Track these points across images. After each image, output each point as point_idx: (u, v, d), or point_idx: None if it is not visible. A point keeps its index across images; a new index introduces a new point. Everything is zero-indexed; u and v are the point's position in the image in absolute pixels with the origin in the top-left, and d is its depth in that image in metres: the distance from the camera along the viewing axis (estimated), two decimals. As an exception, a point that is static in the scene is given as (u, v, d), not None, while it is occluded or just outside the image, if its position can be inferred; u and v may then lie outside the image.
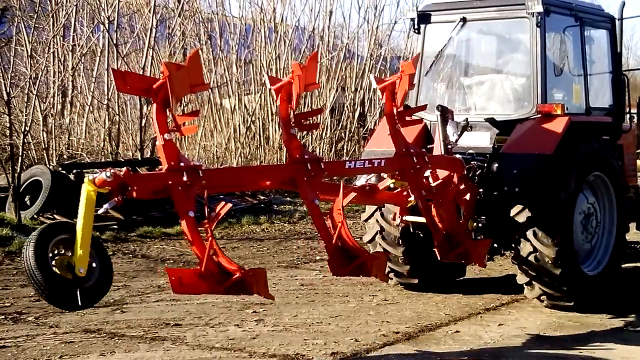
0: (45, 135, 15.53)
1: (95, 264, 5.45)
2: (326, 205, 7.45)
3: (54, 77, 16.38)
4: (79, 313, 7.88)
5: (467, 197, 7.89)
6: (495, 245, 8.41)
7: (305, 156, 6.62)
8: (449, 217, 7.67)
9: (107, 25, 16.71)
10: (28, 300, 8.41)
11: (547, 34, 8.22)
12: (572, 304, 8.06)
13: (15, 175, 12.20)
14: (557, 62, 8.54)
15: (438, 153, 8.10)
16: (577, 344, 7.14)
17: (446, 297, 8.78)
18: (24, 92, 14.28)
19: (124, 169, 5.52)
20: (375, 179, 8.03)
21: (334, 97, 20.11)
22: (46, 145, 15.54)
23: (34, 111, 14.75)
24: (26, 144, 13.62)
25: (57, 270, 5.29)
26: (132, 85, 5.90)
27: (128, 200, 5.60)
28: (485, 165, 8.14)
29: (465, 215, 7.90)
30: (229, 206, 5.79)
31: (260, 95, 19.26)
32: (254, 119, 18.89)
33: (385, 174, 7.73)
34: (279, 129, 18.62)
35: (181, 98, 5.70)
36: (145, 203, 8.17)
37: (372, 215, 8.69)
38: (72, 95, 17.49)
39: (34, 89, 14.43)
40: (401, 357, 6.68)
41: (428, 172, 7.69)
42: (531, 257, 7.92)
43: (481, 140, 8.43)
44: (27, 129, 13.29)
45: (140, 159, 15.04)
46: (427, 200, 7.65)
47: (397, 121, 7.48)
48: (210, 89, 19.49)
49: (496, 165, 8.05)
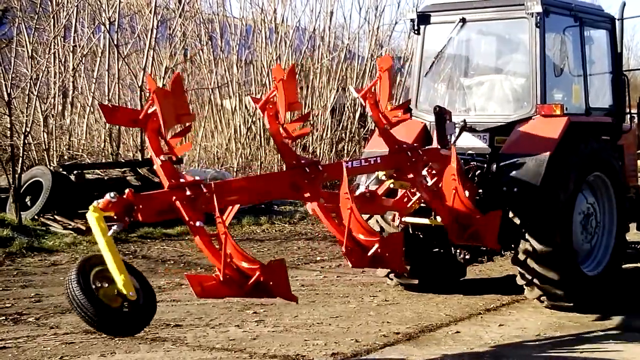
0: (45, 136, 15.53)
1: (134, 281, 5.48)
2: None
3: (54, 78, 16.37)
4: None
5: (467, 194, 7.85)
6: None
7: (302, 161, 6.69)
8: (453, 200, 7.51)
9: (108, 26, 16.71)
10: (28, 301, 8.42)
11: (547, 34, 8.22)
12: (572, 304, 8.06)
13: (16, 176, 12.20)
14: (557, 63, 8.54)
15: None
16: (578, 344, 7.15)
17: (446, 298, 8.79)
18: (25, 93, 14.28)
19: (127, 191, 5.56)
20: (374, 182, 8.02)
21: (334, 98, 20.11)
22: (47, 146, 15.53)
23: (35, 112, 14.74)
24: (27, 144, 13.61)
25: (110, 303, 5.31)
26: (121, 117, 6.14)
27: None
28: (485, 165, 8.14)
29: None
30: (236, 207, 5.84)
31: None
32: (254, 119, 18.88)
33: (383, 176, 7.72)
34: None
35: (170, 126, 5.86)
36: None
37: (372, 215, 8.69)
38: (73, 96, 17.48)
39: (35, 90, 14.44)
40: (402, 358, 6.68)
41: (425, 172, 7.69)
42: (531, 258, 7.92)
43: (481, 140, 8.43)
44: (28, 129, 13.30)
45: (140, 159, 15.03)
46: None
47: (385, 122, 7.54)
48: (210, 90, 19.55)
49: (495, 166, 8.06)
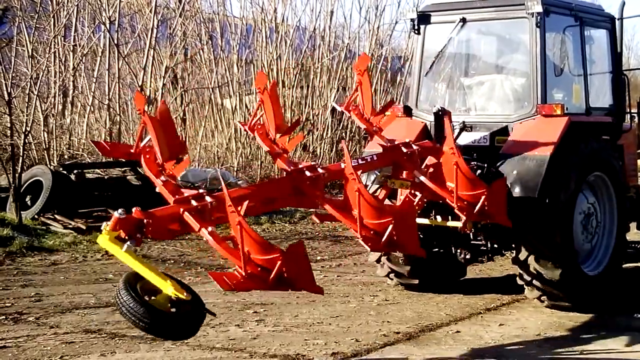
0: (46, 135, 15.53)
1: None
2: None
3: (54, 77, 16.37)
4: (79, 313, 7.90)
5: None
6: (495, 245, 8.42)
7: (300, 165, 6.73)
8: (456, 175, 7.26)
9: (108, 25, 16.72)
10: (28, 301, 8.42)
11: (547, 34, 8.22)
12: (572, 304, 8.06)
13: (16, 175, 12.20)
14: (557, 62, 8.53)
15: None
16: (578, 344, 7.15)
17: (447, 297, 8.79)
18: (25, 93, 14.28)
19: (134, 210, 5.64)
20: (376, 182, 8.01)
21: (334, 97, 20.11)
22: (47, 146, 15.54)
23: (35, 111, 14.74)
24: (27, 144, 13.60)
25: (170, 309, 5.46)
26: (116, 152, 6.49)
27: (128, 201, 5.63)
28: (485, 165, 8.14)
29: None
30: (246, 202, 5.87)
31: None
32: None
33: (381, 177, 7.69)
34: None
35: (165, 155, 6.06)
36: (145, 203, 8.17)
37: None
38: (73, 96, 17.49)
39: (35, 89, 14.44)
40: (402, 357, 6.68)
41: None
42: (531, 258, 7.92)
43: (481, 140, 8.43)
44: (28, 129, 13.29)
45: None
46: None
47: (375, 125, 7.77)
48: (211, 89, 19.56)
49: (496, 166, 8.05)
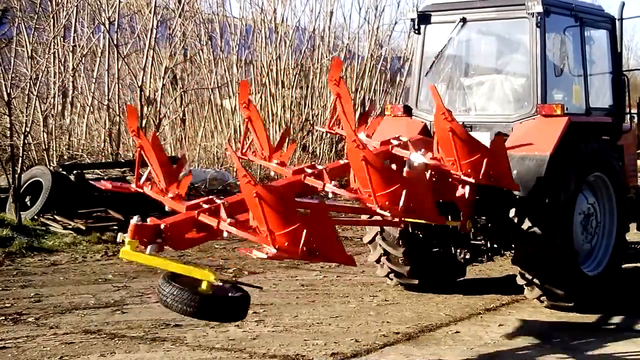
0: (45, 136, 15.53)
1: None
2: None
3: (54, 78, 16.38)
4: (79, 314, 7.90)
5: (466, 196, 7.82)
6: (495, 245, 8.42)
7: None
8: (454, 140, 7.30)
9: (108, 26, 16.73)
10: (28, 301, 8.41)
11: (547, 34, 8.21)
12: (572, 304, 8.06)
13: (16, 176, 12.19)
14: (557, 63, 8.53)
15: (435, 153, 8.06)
16: (578, 344, 7.14)
17: (446, 298, 8.78)
18: (25, 93, 14.27)
19: (149, 219, 5.90)
20: None
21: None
22: (46, 146, 15.54)
23: (35, 112, 14.74)
24: (26, 144, 13.60)
25: (214, 294, 5.79)
26: (121, 188, 7.25)
27: (128, 201, 5.66)
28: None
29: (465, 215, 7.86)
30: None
31: (260, 96, 19.25)
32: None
33: None
34: (279, 130, 18.63)
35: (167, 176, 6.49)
36: (145, 203, 8.15)
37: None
38: (73, 96, 17.51)
39: (35, 90, 14.43)
40: (402, 358, 6.68)
41: None
42: (531, 258, 7.91)
43: (481, 140, 8.42)
44: (28, 129, 13.28)
45: (141, 159, 15.02)
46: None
47: (363, 130, 8.47)
48: (210, 90, 19.56)
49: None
